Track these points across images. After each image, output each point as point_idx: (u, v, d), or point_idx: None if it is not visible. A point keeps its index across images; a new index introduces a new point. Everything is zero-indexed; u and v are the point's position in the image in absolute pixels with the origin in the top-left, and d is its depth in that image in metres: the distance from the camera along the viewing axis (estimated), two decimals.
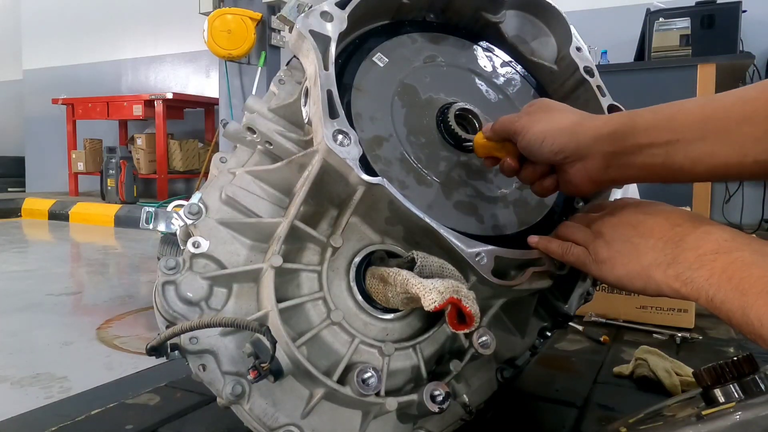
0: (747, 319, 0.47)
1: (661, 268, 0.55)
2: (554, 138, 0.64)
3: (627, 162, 0.62)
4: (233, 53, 4.38)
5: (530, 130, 0.66)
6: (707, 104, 0.58)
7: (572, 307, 0.78)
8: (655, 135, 0.59)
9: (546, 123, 0.66)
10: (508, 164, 0.71)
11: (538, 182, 0.71)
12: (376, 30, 0.80)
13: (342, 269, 0.68)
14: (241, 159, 0.76)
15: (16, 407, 0.90)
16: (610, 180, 0.65)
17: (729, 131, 0.56)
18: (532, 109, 0.69)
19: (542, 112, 0.68)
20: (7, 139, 9.53)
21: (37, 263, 4.24)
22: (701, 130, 0.57)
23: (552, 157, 0.66)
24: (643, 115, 0.61)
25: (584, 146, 0.63)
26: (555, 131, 0.65)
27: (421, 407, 0.63)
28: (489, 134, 0.72)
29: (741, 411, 0.51)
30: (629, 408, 0.78)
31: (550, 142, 0.64)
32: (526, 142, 0.66)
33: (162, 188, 6.83)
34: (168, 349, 0.62)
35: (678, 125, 0.58)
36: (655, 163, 0.60)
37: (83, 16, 8.26)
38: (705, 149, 0.57)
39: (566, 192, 0.71)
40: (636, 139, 0.60)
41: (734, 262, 0.50)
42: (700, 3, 3.71)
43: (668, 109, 0.61)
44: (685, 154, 0.58)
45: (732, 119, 0.56)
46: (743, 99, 0.56)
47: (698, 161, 0.58)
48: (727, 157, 0.56)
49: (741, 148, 0.55)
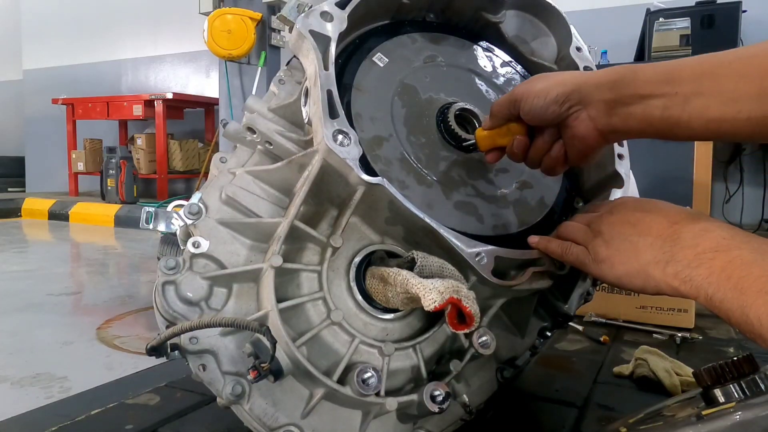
0: (746, 318, 0.47)
1: (660, 266, 0.55)
2: (557, 89, 0.65)
3: (628, 111, 0.63)
4: (233, 53, 4.38)
5: (532, 89, 0.67)
6: (705, 60, 0.60)
7: (572, 307, 0.78)
8: (654, 87, 0.61)
9: (546, 81, 0.67)
10: (519, 140, 0.71)
11: (547, 154, 0.71)
12: (376, 30, 0.80)
13: (342, 269, 0.68)
14: (241, 159, 0.76)
15: (16, 407, 0.90)
16: (613, 129, 0.65)
17: (725, 87, 0.57)
18: (528, 79, 0.71)
19: (538, 78, 0.69)
20: (7, 139, 9.53)
21: (37, 263, 4.23)
22: (698, 85, 0.58)
23: (557, 109, 0.66)
24: (644, 68, 0.63)
25: (587, 93, 0.64)
26: (558, 84, 0.66)
27: (421, 407, 0.63)
28: (489, 122, 0.72)
29: (741, 411, 0.51)
30: (629, 408, 0.79)
31: (554, 93, 0.65)
32: (530, 104, 0.67)
33: (162, 188, 6.82)
34: (168, 349, 0.62)
35: (676, 78, 0.60)
36: (653, 114, 0.61)
37: (83, 16, 8.26)
38: (701, 103, 0.58)
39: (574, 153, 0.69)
40: (636, 89, 0.62)
41: (733, 261, 0.50)
42: (700, 3, 3.71)
43: (669, 64, 0.62)
44: (682, 108, 0.59)
45: (728, 75, 0.57)
46: (741, 57, 0.57)
47: (694, 115, 0.58)
48: (721, 112, 0.57)
49: (735, 104, 0.56)
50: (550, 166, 0.72)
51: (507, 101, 0.69)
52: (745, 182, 4.32)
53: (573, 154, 0.70)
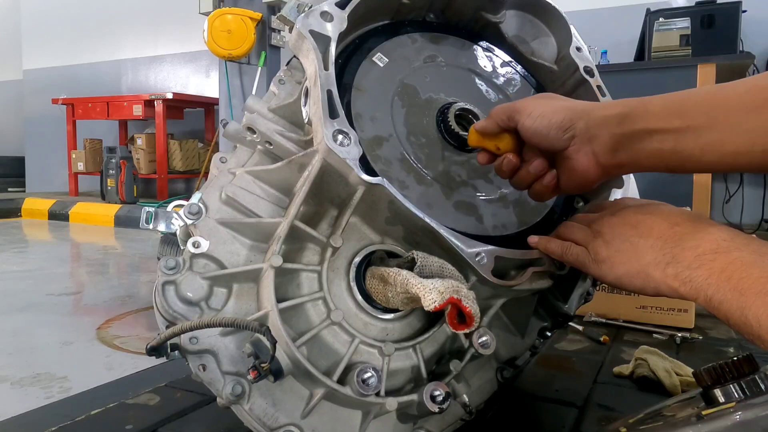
0: (745, 320, 0.47)
1: (660, 267, 0.55)
2: (563, 114, 0.63)
3: (636, 147, 0.61)
4: (233, 53, 4.38)
5: (535, 109, 0.64)
6: (718, 92, 0.58)
7: (572, 307, 0.78)
8: (665, 121, 0.59)
9: (553, 103, 0.65)
10: (509, 160, 0.68)
11: (539, 181, 0.68)
12: (376, 30, 0.80)
13: (342, 269, 0.68)
14: (241, 159, 0.76)
15: (16, 407, 0.90)
16: (618, 164, 0.63)
17: (739, 120, 0.55)
18: (533, 96, 0.68)
19: (545, 97, 0.67)
20: (7, 139, 9.53)
21: (37, 263, 4.23)
22: (711, 118, 0.56)
23: (560, 135, 0.63)
24: (653, 101, 0.61)
25: (593, 126, 0.62)
26: (563, 109, 0.63)
27: (421, 407, 0.63)
28: (484, 125, 0.69)
29: (741, 411, 0.51)
30: (629, 408, 0.78)
31: (559, 118, 0.63)
32: (531, 122, 0.64)
33: (162, 188, 6.82)
34: (168, 349, 0.62)
35: (688, 112, 0.58)
36: (664, 149, 0.59)
37: (83, 16, 8.26)
38: (714, 137, 0.56)
39: (569, 184, 0.67)
40: (646, 123, 0.60)
41: (733, 262, 0.50)
42: (700, 3, 3.72)
43: (679, 96, 0.60)
44: (695, 142, 0.57)
45: (742, 108, 0.55)
46: (755, 87, 0.56)
47: (708, 149, 0.57)
48: (736, 145, 0.55)
49: (750, 137, 0.54)
50: (539, 192, 0.69)
51: (507, 110, 0.67)
52: (745, 182, 4.32)
53: (568, 185, 0.67)
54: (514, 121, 0.66)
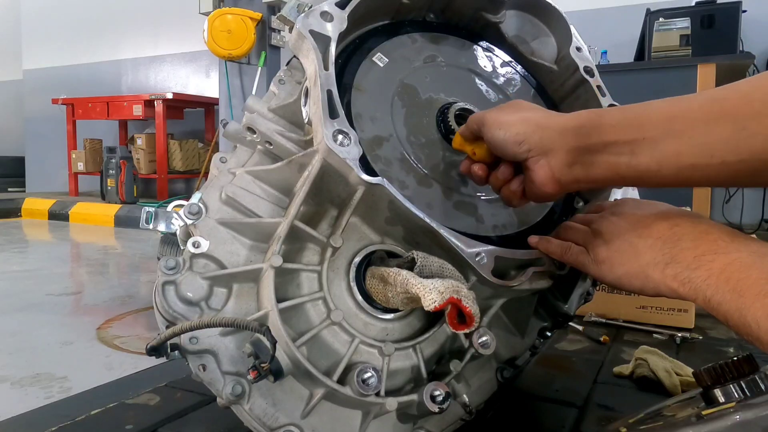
0: (744, 321, 0.47)
1: (659, 267, 0.55)
2: (518, 128, 0.63)
3: (592, 160, 0.60)
4: (233, 53, 4.38)
5: (497, 120, 0.65)
6: (675, 103, 0.56)
7: (572, 307, 0.78)
8: (620, 132, 0.57)
9: (513, 115, 0.65)
10: (478, 166, 0.69)
11: (505, 186, 0.68)
12: (376, 30, 0.80)
13: (342, 269, 0.68)
14: (241, 159, 0.76)
15: (16, 407, 0.90)
16: (574, 179, 0.62)
17: (696, 131, 0.54)
18: (505, 104, 0.68)
19: (512, 107, 0.67)
20: (7, 139, 9.53)
21: (37, 263, 4.23)
22: (667, 129, 0.55)
23: (515, 149, 0.63)
24: (610, 113, 0.60)
25: (548, 139, 0.62)
26: (520, 122, 0.63)
27: (421, 407, 0.63)
28: (463, 131, 0.70)
29: (741, 411, 0.51)
30: (629, 408, 0.79)
31: (514, 131, 0.63)
32: (491, 134, 0.65)
33: (162, 188, 6.82)
34: (168, 349, 0.62)
35: (644, 123, 0.57)
36: (620, 162, 0.58)
37: (83, 16, 8.26)
38: (671, 149, 0.55)
39: (531, 195, 0.67)
40: (601, 136, 0.58)
41: (732, 263, 0.49)
42: (700, 3, 3.71)
43: (637, 107, 0.59)
44: (651, 154, 0.56)
45: (699, 119, 0.54)
46: (712, 98, 0.54)
47: (664, 162, 0.55)
48: (694, 157, 0.54)
49: (708, 149, 0.53)
50: (507, 197, 0.69)
51: (478, 120, 0.67)
52: None
53: (531, 195, 0.67)
54: (481, 132, 0.67)
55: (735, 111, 0.52)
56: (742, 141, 0.51)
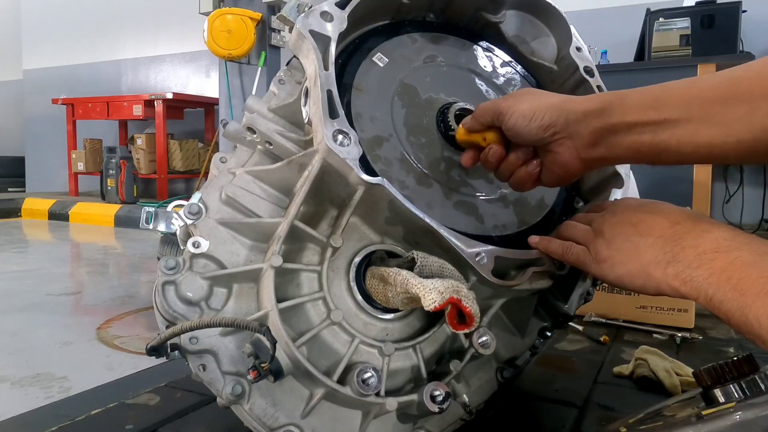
0: (746, 320, 0.47)
1: (661, 266, 0.55)
2: (543, 113, 0.64)
3: (615, 140, 0.62)
4: (233, 53, 4.38)
5: (517, 108, 0.65)
6: (692, 84, 0.59)
7: (572, 307, 0.78)
8: (641, 114, 0.60)
9: (533, 101, 0.66)
10: (495, 150, 0.69)
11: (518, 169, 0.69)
12: (376, 30, 0.80)
13: (342, 269, 0.68)
14: (241, 159, 0.76)
15: (16, 407, 0.90)
16: (599, 158, 0.64)
17: (712, 111, 0.56)
18: (516, 92, 0.69)
19: (527, 94, 0.67)
20: (7, 139, 9.53)
21: (37, 263, 4.23)
22: (686, 110, 0.57)
23: (541, 134, 0.64)
24: (630, 95, 0.62)
25: (573, 121, 0.63)
26: (544, 107, 0.64)
27: (421, 407, 0.63)
28: (470, 123, 0.71)
29: (741, 411, 0.51)
30: (629, 408, 0.78)
31: (540, 116, 0.64)
32: (513, 121, 0.65)
33: (162, 188, 6.82)
34: (168, 349, 0.62)
35: (664, 104, 0.59)
36: (642, 141, 0.60)
37: (83, 16, 8.26)
38: (690, 129, 0.57)
39: (551, 176, 0.68)
40: (624, 116, 0.61)
41: (733, 262, 0.50)
42: (700, 3, 3.71)
43: (655, 89, 0.61)
44: (671, 134, 0.58)
45: (716, 99, 0.56)
46: (728, 79, 0.57)
47: (683, 141, 0.58)
48: (710, 137, 0.56)
49: (724, 127, 0.55)
50: (520, 181, 0.70)
51: (491, 111, 0.68)
52: (745, 182, 4.32)
53: (550, 178, 0.68)
54: (499, 121, 0.67)
55: (749, 90, 0.54)
56: (756, 120, 0.53)
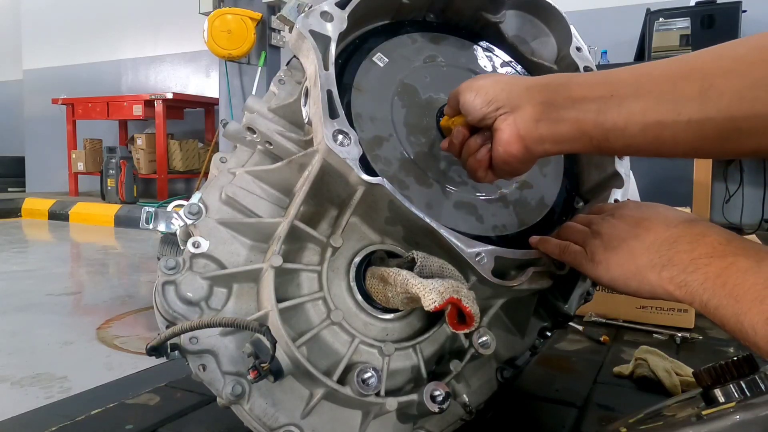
0: (741, 327, 0.46)
1: (656, 269, 0.54)
2: (488, 88, 0.64)
3: (558, 116, 0.59)
4: (233, 53, 4.38)
5: (470, 86, 0.66)
6: (646, 65, 0.57)
7: (572, 307, 0.78)
8: (588, 89, 0.58)
9: (485, 79, 0.66)
10: (457, 131, 0.68)
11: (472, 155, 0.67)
12: (376, 30, 0.80)
13: (342, 269, 0.68)
14: (241, 159, 0.76)
15: (16, 407, 0.90)
16: (539, 137, 0.61)
17: (663, 88, 0.53)
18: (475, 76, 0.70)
19: (486, 76, 0.68)
20: (7, 139, 9.53)
21: (37, 263, 4.23)
22: (635, 87, 0.55)
23: (485, 109, 0.63)
24: (580, 75, 0.61)
25: (516, 95, 0.62)
26: (491, 83, 0.64)
27: (421, 407, 0.63)
28: (446, 109, 0.72)
29: (741, 411, 0.51)
30: (629, 408, 0.79)
31: (484, 91, 0.64)
32: (464, 98, 0.66)
33: (162, 188, 6.82)
34: (168, 349, 0.62)
35: (613, 81, 0.57)
36: (587, 119, 0.57)
37: (83, 16, 8.26)
38: (638, 106, 0.54)
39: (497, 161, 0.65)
40: (569, 91, 0.59)
41: (729, 267, 0.49)
42: (700, 3, 3.71)
43: (607, 71, 0.59)
44: (617, 111, 0.55)
45: (668, 76, 0.54)
46: (682, 59, 0.55)
47: (631, 119, 0.55)
48: (660, 114, 0.53)
49: (675, 105, 0.52)
50: (472, 168, 0.68)
51: (455, 92, 0.69)
52: (745, 182, 4.32)
53: (497, 161, 0.65)
54: (457, 100, 0.68)
55: (703, 68, 0.52)
56: (709, 99, 0.51)
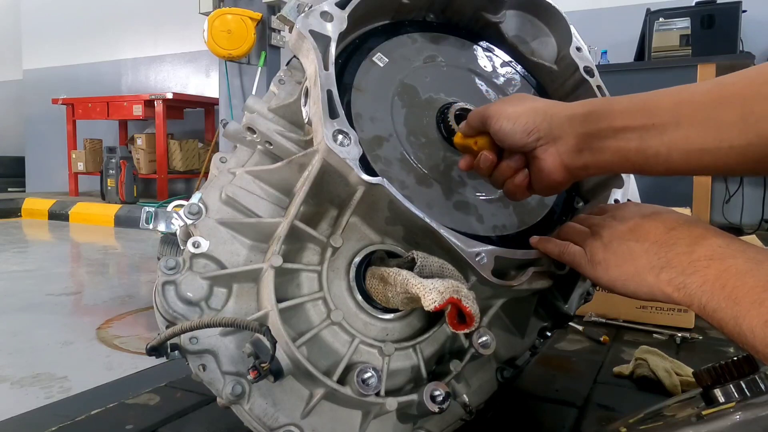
0: (739, 329, 0.46)
1: (654, 271, 0.54)
2: (527, 117, 0.63)
3: (601, 145, 0.60)
4: (233, 53, 4.38)
5: (503, 112, 0.65)
6: (684, 90, 0.57)
7: (572, 307, 0.78)
8: (629, 118, 0.58)
9: (519, 105, 0.65)
10: (485, 157, 0.68)
11: (510, 179, 0.68)
12: (376, 30, 0.80)
13: (342, 269, 0.68)
14: (241, 159, 0.76)
15: (16, 407, 0.90)
16: (583, 166, 0.62)
17: (704, 116, 0.54)
18: (506, 97, 0.69)
19: (515, 99, 0.67)
20: (7, 139, 9.53)
21: (37, 263, 4.23)
22: (676, 115, 0.55)
23: (525, 139, 0.63)
24: (619, 100, 0.60)
25: (557, 126, 0.62)
26: (528, 111, 0.63)
27: (421, 407, 0.63)
28: (464, 128, 0.70)
29: (741, 411, 0.51)
30: (629, 408, 0.79)
31: (523, 121, 0.63)
32: (498, 126, 0.65)
33: (162, 188, 6.82)
34: (168, 349, 0.62)
35: (653, 109, 0.57)
36: (629, 147, 0.58)
37: (83, 16, 8.26)
38: (680, 134, 0.55)
39: (538, 185, 0.67)
40: (610, 121, 0.59)
41: (728, 270, 0.49)
42: (700, 3, 3.71)
43: (645, 94, 0.59)
44: (660, 140, 0.56)
45: (707, 103, 0.54)
46: (720, 84, 0.55)
47: (673, 147, 0.55)
48: (702, 142, 0.54)
49: (716, 132, 0.53)
50: (511, 191, 0.69)
51: (479, 115, 0.67)
52: (745, 182, 4.32)
53: (538, 186, 0.67)
54: (486, 126, 0.67)
55: (742, 94, 0.52)
56: (749, 124, 0.51)
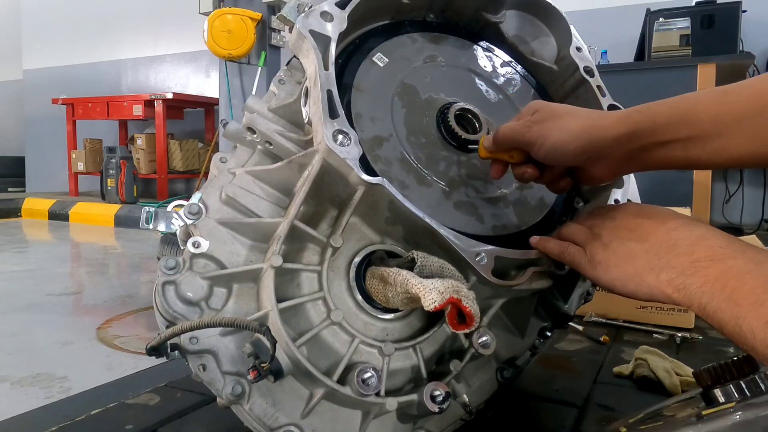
0: (739, 330, 0.46)
1: (654, 272, 0.54)
2: (575, 143, 0.64)
3: (648, 156, 0.64)
4: (233, 53, 4.38)
5: (547, 139, 0.65)
6: (722, 98, 0.60)
7: (572, 307, 0.78)
8: (673, 132, 0.62)
9: (560, 131, 0.65)
10: (529, 173, 0.70)
11: (554, 185, 0.73)
12: (376, 30, 0.80)
13: (342, 269, 0.68)
14: (241, 159, 0.76)
15: (16, 407, 0.90)
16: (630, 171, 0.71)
17: (743, 125, 0.58)
18: (538, 117, 0.67)
19: (552, 120, 0.66)
20: (7, 139, 9.53)
21: (37, 263, 4.23)
22: (716, 126, 0.59)
23: (573, 162, 0.67)
24: (659, 113, 0.63)
25: (606, 147, 0.64)
26: (573, 137, 0.64)
27: (421, 407, 0.63)
28: (491, 146, 0.71)
29: (741, 411, 0.51)
30: (629, 408, 0.79)
31: (572, 147, 0.64)
32: (545, 152, 0.66)
33: (162, 188, 6.82)
34: (168, 349, 0.62)
35: (695, 121, 0.61)
36: (674, 155, 0.63)
37: (83, 16, 8.26)
38: (720, 143, 0.59)
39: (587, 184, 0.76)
40: (655, 137, 0.62)
41: (728, 270, 0.49)
42: (700, 3, 3.71)
43: (683, 103, 0.62)
44: (702, 150, 0.61)
45: (745, 113, 0.58)
46: (758, 92, 0.58)
47: (714, 155, 0.60)
48: (742, 150, 0.59)
49: (755, 140, 0.57)
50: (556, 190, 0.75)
51: (514, 140, 0.68)
52: (745, 182, 4.32)
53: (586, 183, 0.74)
54: (525, 151, 0.69)
55: None
56: None
